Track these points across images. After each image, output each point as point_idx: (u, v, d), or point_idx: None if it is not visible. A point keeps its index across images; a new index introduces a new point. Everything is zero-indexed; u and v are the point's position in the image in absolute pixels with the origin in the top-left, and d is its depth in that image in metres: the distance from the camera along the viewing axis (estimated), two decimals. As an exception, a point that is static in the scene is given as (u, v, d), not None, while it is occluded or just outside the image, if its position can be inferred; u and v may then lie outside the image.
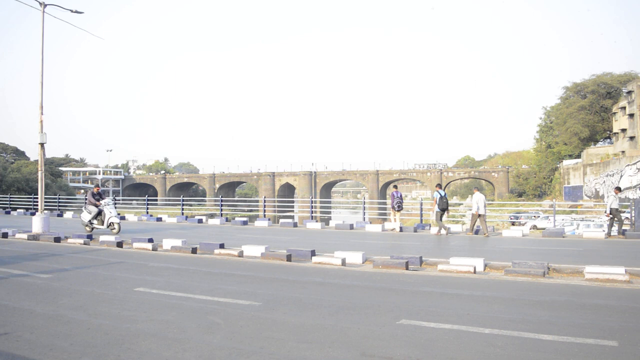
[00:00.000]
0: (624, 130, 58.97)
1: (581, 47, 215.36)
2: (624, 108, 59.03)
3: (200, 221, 24.83)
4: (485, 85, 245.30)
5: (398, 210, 19.36)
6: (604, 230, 18.10)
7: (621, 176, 51.34)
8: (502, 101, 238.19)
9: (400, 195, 19.46)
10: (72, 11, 18.84)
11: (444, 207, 18.20)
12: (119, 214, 19.27)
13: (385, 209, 25.37)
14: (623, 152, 55.97)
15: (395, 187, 20.45)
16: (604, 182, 55.50)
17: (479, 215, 17.83)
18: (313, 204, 26.61)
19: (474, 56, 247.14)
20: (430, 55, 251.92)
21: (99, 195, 18.37)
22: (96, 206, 18.10)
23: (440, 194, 18.32)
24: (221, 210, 28.41)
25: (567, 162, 67.88)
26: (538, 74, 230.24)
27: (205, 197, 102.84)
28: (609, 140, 68.56)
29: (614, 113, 62.72)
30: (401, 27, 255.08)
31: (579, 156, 66.41)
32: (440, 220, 18.21)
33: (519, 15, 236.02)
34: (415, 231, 19.55)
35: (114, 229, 17.54)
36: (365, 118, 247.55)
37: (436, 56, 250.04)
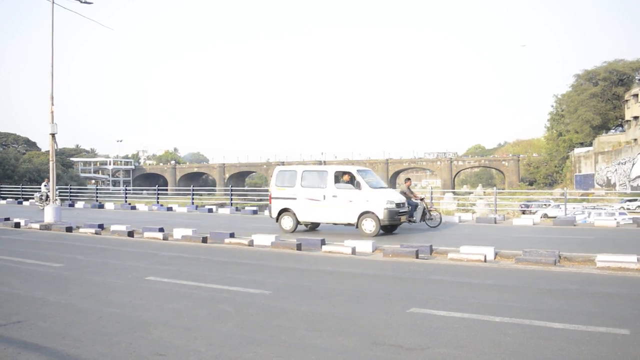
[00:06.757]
0: (636, 117, 58.32)
1: (593, 34, 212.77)
2: (636, 95, 58.34)
3: (210, 211, 24.95)
4: (495, 73, 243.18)
5: None
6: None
7: (633, 164, 50.89)
8: (513, 89, 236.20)
9: None
10: (81, 1, 18.85)
11: None
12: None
13: None
14: (635, 140, 55.36)
15: None
16: (616, 170, 55.05)
17: None
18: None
19: (484, 45, 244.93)
20: (440, 44, 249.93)
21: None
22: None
23: None
24: (231, 199, 28.46)
25: (578, 150, 67.34)
26: (549, 62, 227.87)
27: (215, 186, 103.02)
28: (621, 128, 67.84)
29: (626, 100, 62.00)
30: (408, 18, 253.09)
31: (590, 144, 65.84)
32: None
33: (528, 3, 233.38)
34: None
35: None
36: (374, 107, 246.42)
37: (445, 45, 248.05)
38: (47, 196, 25.41)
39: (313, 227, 16.29)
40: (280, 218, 15.63)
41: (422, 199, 16.77)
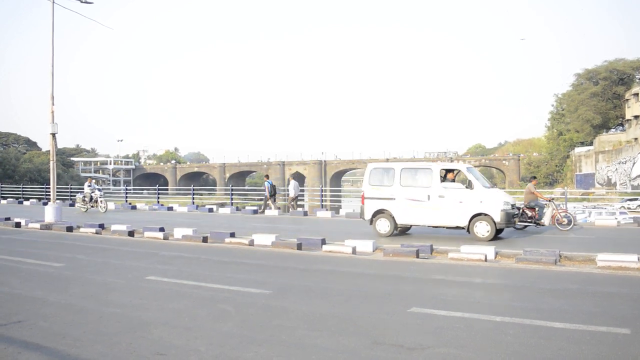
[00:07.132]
0: (636, 117, 58.30)
1: (593, 34, 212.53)
2: (636, 94, 58.32)
3: (210, 210, 24.94)
4: (495, 73, 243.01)
5: (271, 196, 22.80)
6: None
7: (634, 163, 50.86)
8: (513, 89, 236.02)
9: (272, 184, 23.15)
10: (81, 1, 18.83)
11: (272, 193, 22.76)
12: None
13: None
14: (636, 139, 55.32)
15: (267, 177, 24.53)
16: (616, 169, 55.03)
17: (293, 199, 22.85)
18: (323, 193, 26.57)
19: (484, 44, 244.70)
20: (440, 44, 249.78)
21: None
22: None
23: (270, 183, 22.86)
24: (231, 199, 28.46)
25: (578, 150, 67.34)
26: (549, 61, 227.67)
27: (215, 186, 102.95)
28: (621, 127, 67.85)
29: (627, 100, 62.00)
30: (408, 18, 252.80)
31: (591, 143, 65.84)
32: (274, 202, 22.97)
33: (528, 3, 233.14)
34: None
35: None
36: (375, 107, 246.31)
37: (445, 45, 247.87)
38: (92, 197, 23.58)
39: (404, 229, 14.68)
40: (375, 220, 14.25)
41: (550, 200, 15.45)
